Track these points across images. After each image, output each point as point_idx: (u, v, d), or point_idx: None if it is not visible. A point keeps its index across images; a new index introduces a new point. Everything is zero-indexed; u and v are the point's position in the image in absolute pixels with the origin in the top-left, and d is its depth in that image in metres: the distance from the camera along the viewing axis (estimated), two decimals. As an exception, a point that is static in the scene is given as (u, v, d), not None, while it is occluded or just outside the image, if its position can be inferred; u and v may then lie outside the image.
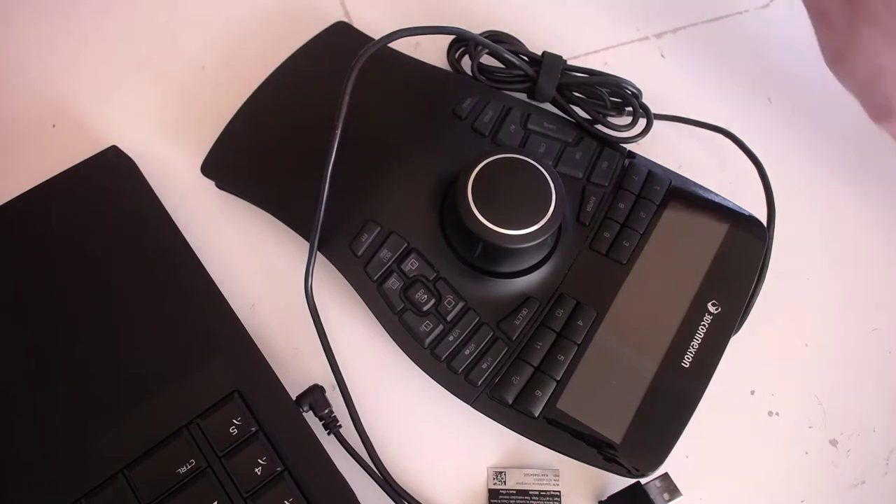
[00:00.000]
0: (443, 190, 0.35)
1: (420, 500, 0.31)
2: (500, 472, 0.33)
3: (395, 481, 0.32)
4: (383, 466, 0.32)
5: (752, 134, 0.38)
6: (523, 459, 0.33)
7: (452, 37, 0.40)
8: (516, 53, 0.38)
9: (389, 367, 0.34)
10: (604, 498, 0.32)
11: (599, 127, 0.38)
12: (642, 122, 0.38)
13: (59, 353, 0.31)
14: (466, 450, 0.33)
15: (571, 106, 0.38)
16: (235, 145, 0.37)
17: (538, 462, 0.33)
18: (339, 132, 0.33)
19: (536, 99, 0.38)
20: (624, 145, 0.37)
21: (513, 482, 0.32)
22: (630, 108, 0.38)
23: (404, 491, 0.32)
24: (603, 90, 0.38)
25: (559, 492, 0.32)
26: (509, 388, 0.32)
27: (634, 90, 0.38)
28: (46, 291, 0.32)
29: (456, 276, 0.33)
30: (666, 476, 0.31)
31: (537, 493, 0.32)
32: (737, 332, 0.34)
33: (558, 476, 0.33)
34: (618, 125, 0.38)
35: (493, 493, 0.32)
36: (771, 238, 0.36)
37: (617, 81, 0.37)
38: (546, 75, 0.37)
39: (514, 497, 0.32)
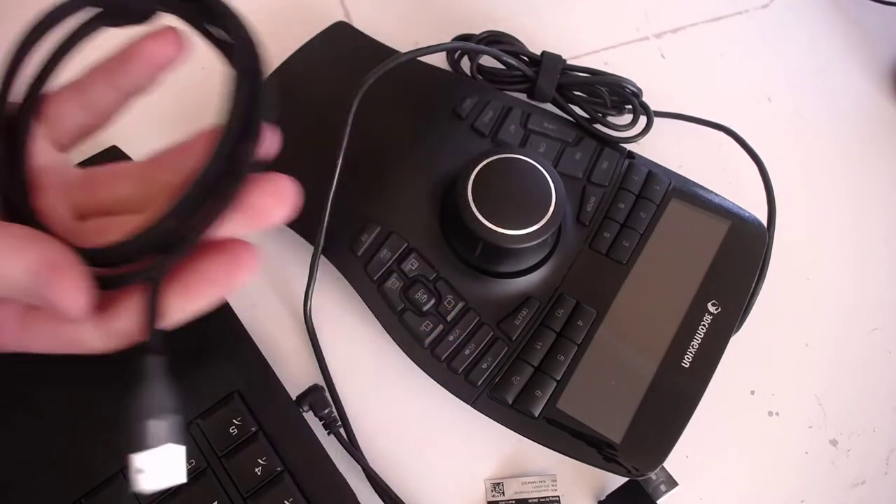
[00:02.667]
0: (443, 190, 0.35)
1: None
2: (498, 484, 0.33)
3: (389, 487, 0.32)
4: (376, 474, 0.31)
5: (751, 134, 0.38)
6: (520, 467, 0.33)
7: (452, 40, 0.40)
8: (515, 54, 0.38)
9: (389, 367, 0.34)
10: (603, 497, 0.32)
11: (599, 126, 0.38)
12: (643, 121, 0.38)
13: (59, 354, 0.31)
14: (464, 462, 0.33)
15: (571, 105, 0.38)
16: (235, 145, 0.37)
17: (535, 469, 0.33)
18: (340, 161, 0.33)
19: (536, 99, 0.38)
20: (624, 145, 0.37)
21: (511, 492, 0.32)
22: (630, 107, 0.38)
23: (398, 497, 0.31)
24: (603, 89, 0.37)
25: (558, 496, 0.32)
26: (509, 388, 0.32)
27: (634, 89, 0.38)
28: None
29: (456, 276, 0.33)
30: (661, 468, 0.31)
31: (536, 500, 0.32)
32: (737, 332, 0.34)
33: (556, 481, 0.33)
34: (618, 125, 0.38)
35: None
36: (771, 237, 0.36)
37: (616, 80, 0.37)
38: (545, 75, 0.37)
39: None
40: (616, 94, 0.38)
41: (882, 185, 0.41)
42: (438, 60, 0.41)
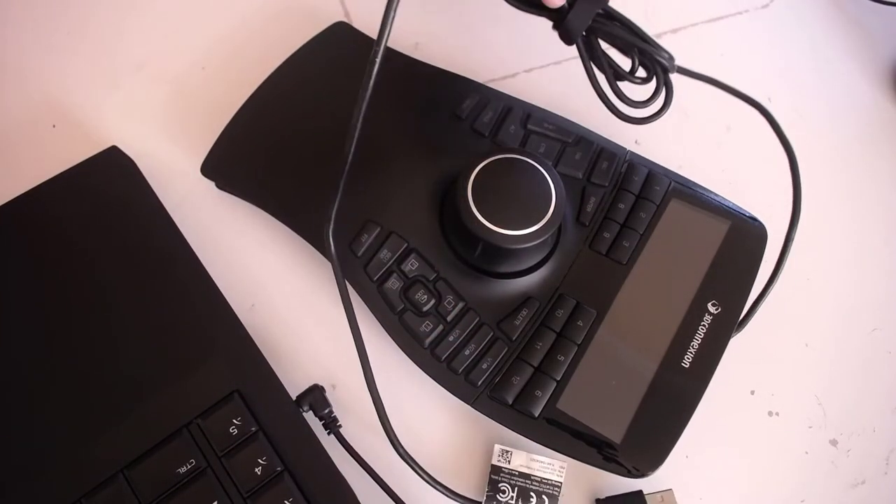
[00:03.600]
0: (443, 190, 0.35)
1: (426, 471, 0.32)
2: (507, 451, 0.33)
3: (390, 487, 0.32)
4: (375, 473, 0.31)
5: (751, 134, 0.38)
6: (535, 446, 0.33)
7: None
8: None
9: (389, 367, 0.34)
10: (602, 497, 0.32)
11: (612, 97, 0.33)
12: (660, 103, 0.33)
13: (60, 353, 0.31)
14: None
15: (592, 60, 0.33)
16: (235, 146, 0.37)
17: (549, 451, 0.33)
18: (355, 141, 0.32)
19: (561, 34, 0.34)
20: (624, 145, 0.37)
21: (517, 463, 0.33)
22: (645, 74, 0.33)
23: (399, 498, 0.31)
24: (635, 52, 0.32)
25: (561, 482, 0.32)
26: (509, 388, 0.32)
27: (666, 63, 0.33)
28: (47, 291, 0.32)
29: (456, 276, 0.33)
30: (670, 492, 0.31)
31: (539, 479, 0.32)
32: (737, 332, 0.34)
33: (564, 468, 0.32)
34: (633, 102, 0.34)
35: (495, 469, 0.32)
36: (794, 231, 0.34)
37: (653, 50, 0.32)
38: (581, 8, 0.32)
39: (515, 478, 0.32)
40: (645, 63, 0.33)
41: (882, 185, 0.41)
42: (438, 60, 0.41)
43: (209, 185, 0.37)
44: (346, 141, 0.32)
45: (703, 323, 0.33)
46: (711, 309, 0.33)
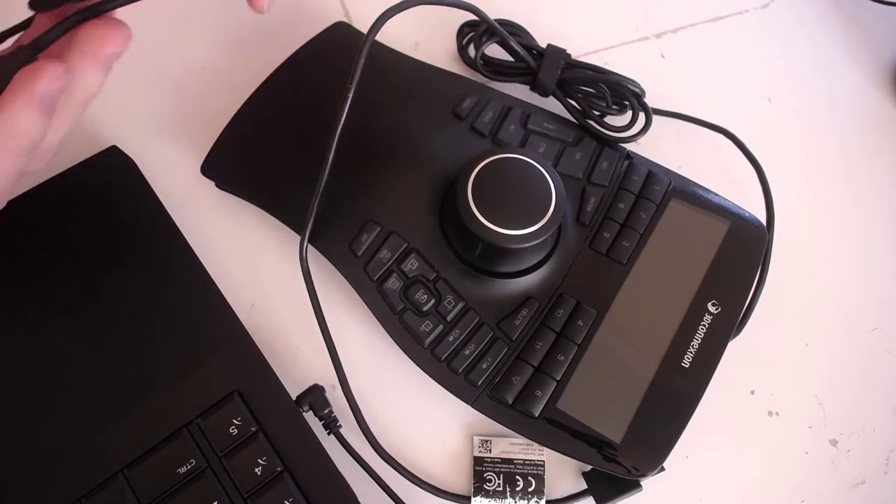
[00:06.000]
0: (443, 190, 0.35)
1: (407, 468, 0.32)
2: (486, 441, 0.33)
3: (389, 487, 0.32)
4: (375, 473, 0.32)
5: (752, 134, 0.38)
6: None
7: (462, 22, 0.40)
8: (522, 45, 0.37)
9: (389, 367, 0.34)
10: (587, 469, 0.32)
11: (595, 125, 0.37)
12: (641, 121, 0.37)
13: (59, 354, 0.31)
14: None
15: (570, 101, 0.38)
16: (235, 145, 0.37)
17: None
18: (334, 146, 0.32)
19: (537, 92, 0.38)
20: (623, 145, 0.37)
21: (498, 450, 0.33)
22: (628, 104, 0.38)
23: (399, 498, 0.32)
24: (604, 87, 0.37)
25: (543, 461, 0.33)
26: (509, 388, 0.32)
27: (637, 89, 0.37)
28: (47, 291, 0.32)
29: (456, 276, 0.33)
30: None
31: (522, 461, 0.32)
32: (737, 335, 0.34)
33: (543, 447, 0.33)
34: (617, 125, 0.37)
35: (477, 461, 0.33)
36: (771, 241, 0.36)
37: (618, 80, 0.37)
38: (548, 69, 0.37)
39: (498, 465, 0.32)
40: (617, 94, 0.38)
41: (882, 185, 0.41)
42: (438, 60, 0.41)
43: (209, 184, 0.37)
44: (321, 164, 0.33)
45: (703, 323, 0.33)
46: (711, 309, 0.33)
